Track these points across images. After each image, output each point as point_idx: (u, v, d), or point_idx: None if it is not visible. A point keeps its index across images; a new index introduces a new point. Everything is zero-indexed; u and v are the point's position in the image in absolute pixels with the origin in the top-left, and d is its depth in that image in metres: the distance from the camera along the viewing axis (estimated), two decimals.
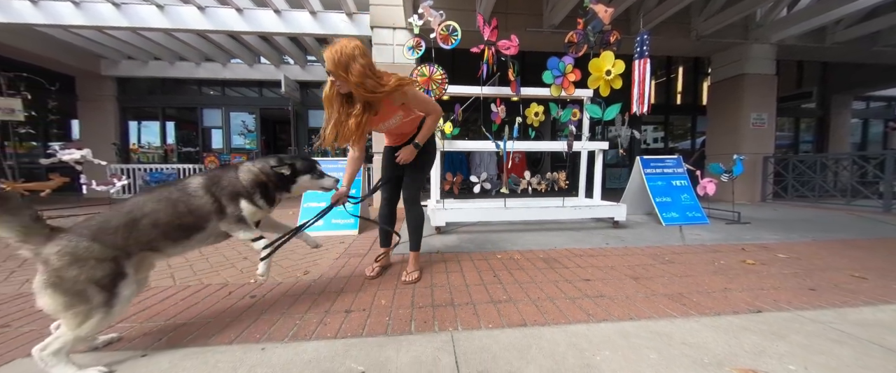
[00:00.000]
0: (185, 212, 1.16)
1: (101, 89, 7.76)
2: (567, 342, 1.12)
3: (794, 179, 5.61)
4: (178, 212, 1.15)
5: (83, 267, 0.95)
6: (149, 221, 1.09)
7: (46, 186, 3.89)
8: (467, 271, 1.88)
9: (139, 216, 1.09)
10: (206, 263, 2.12)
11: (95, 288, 0.96)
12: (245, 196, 1.28)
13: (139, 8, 5.17)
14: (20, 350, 1.11)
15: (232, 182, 1.28)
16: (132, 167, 7.64)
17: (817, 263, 2.03)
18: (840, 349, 1.08)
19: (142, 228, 1.08)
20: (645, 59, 2.82)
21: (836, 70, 7.62)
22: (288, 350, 1.09)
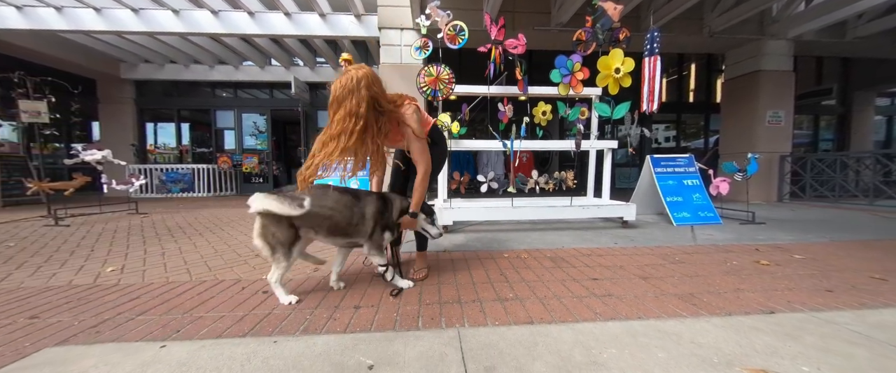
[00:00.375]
0: (352, 222, 1.46)
1: (120, 92, 8.04)
2: (574, 340, 1.12)
3: (812, 179, 5.43)
4: (350, 218, 1.45)
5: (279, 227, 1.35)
6: (327, 213, 1.40)
7: (70, 186, 4.05)
8: (474, 270, 1.89)
9: (320, 207, 1.40)
10: (220, 259, 2.18)
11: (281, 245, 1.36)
12: (389, 228, 1.56)
13: (156, 13, 5.34)
14: (49, 339, 1.17)
15: (388, 216, 1.55)
16: (149, 167, 7.89)
17: (835, 265, 1.97)
18: (856, 351, 1.05)
19: (318, 216, 1.40)
20: (655, 56, 2.78)
21: (858, 66, 7.34)
22: (299, 343, 1.12)
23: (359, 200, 1.48)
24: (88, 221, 3.78)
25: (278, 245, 1.36)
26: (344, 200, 1.44)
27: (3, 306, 1.47)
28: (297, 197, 1.36)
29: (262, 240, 1.34)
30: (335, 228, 1.43)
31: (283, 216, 1.33)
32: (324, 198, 1.42)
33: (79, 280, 1.80)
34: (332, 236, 1.46)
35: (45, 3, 5.11)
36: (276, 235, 1.34)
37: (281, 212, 1.32)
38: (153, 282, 1.76)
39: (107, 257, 2.26)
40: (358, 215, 1.45)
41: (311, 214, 1.37)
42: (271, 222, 1.34)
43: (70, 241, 2.77)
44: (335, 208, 1.42)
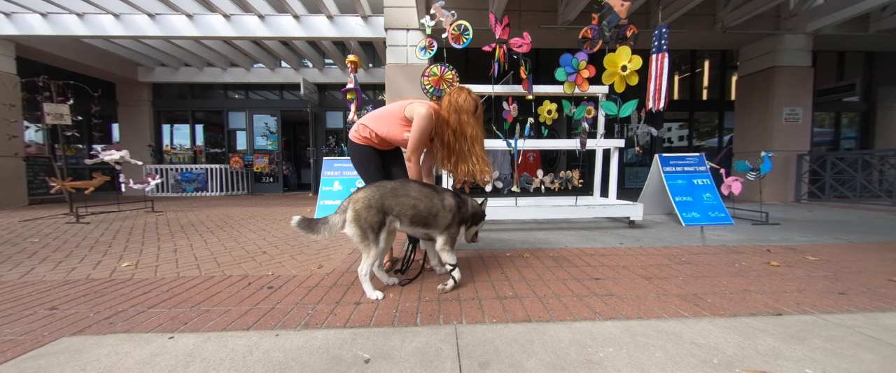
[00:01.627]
0: (432, 212, 1.54)
1: (138, 94, 8.33)
2: (570, 339, 1.12)
3: (832, 178, 5.23)
4: (430, 208, 1.53)
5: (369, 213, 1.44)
6: (412, 201, 1.50)
7: (90, 185, 4.23)
8: (475, 268, 1.90)
9: (406, 195, 1.51)
10: (229, 256, 2.25)
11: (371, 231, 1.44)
12: (465, 223, 1.65)
13: (171, 18, 5.52)
14: (66, 329, 1.23)
15: (465, 210, 1.64)
16: (165, 167, 8.15)
17: (850, 266, 1.90)
18: (865, 354, 1.01)
19: (405, 203, 1.50)
20: (663, 53, 2.72)
21: (882, 60, 7.03)
22: (300, 337, 1.15)
23: (437, 193, 1.58)
24: (107, 218, 3.94)
25: (369, 229, 1.43)
26: (425, 190, 1.56)
27: (26, 298, 1.55)
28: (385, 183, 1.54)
29: (354, 224, 1.42)
30: (418, 216, 1.51)
31: (376, 201, 1.45)
32: (408, 186, 1.54)
33: (96, 274, 1.89)
34: (413, 226, 1.54)
35: (68, 10, 5.34)
36: (368, 219, 1.43)
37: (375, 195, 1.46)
38: (165, 277, 1.83)
39: (123, 253, 2.35)
40: (438, 206, 1.55)
41: (399, 199, 1.48)
42: (363, 207, 1.43)
43: (89, 237, 2.89)
44: (418, 197, 1.51)
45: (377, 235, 1.45)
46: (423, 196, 1.52)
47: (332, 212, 1.71)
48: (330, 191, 3.31)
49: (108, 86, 7.99)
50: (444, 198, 1.56)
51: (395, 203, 1.48)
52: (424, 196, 1.52)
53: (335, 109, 8.64)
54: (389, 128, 1.74)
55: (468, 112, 1.69)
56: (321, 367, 0.97)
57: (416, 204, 1.50)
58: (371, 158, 1.81)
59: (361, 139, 1.80)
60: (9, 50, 5.69)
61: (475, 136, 1.70)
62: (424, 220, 1.52)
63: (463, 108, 1.68)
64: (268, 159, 8.44)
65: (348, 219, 1.43)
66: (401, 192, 1.50)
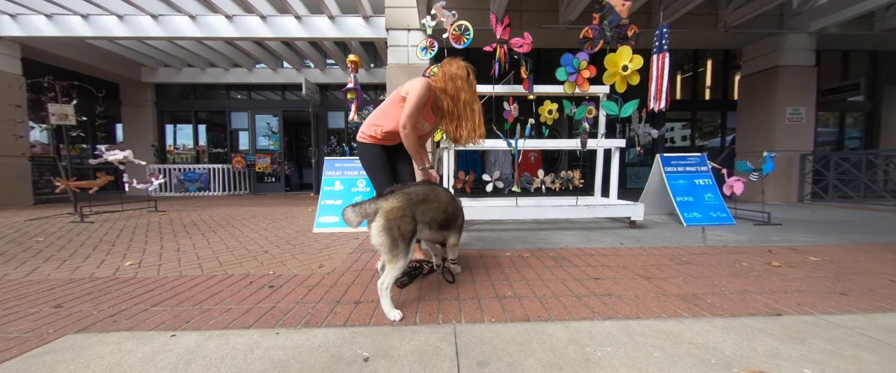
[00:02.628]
0: (455, 214, 1.59)
1: (141, 95, 8.39)
2: (569, 338, 1.12)
3: (835, 179, 5.20)
4: (456, 211, 1.57)
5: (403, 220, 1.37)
6: (443, 207, 1.52)
7: (94, 185, 4.27)
8: (475, 268, 1.90)
9: (437, 200, 1.52)
10: (231, 255, 2.27)
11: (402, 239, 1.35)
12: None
13: (174, 19, 5.55)
14: (70, 327, 1.25)
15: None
16: (168, 167, 8.21)
17: (853, 267, 1.89)
18: (865, 355, 1.01)
19: (437, 208, 1.51)
20: (663, 53, 2.72)
21: (887, 59, 6.97)
22: (300, 335, 1.16)
23: (455, 195, 1.65)
24: (111, 218, 3.98)
25: (401, 239, 1.33)
26: (449, 194, 1.60)
27: (31, 296, 1.57)
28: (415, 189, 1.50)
29: (386, 234, 1.31)
30: (447, 221, 1.54)
31: (409, 211, 1.38)
32: (437, 192, 1.54)
33: (100, 273, 1.91)
34: (439, 230, 1.55)
35: (72, 12, 5.39)
36: (401, 228, 1.33)
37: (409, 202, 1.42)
38: (167, 275, 1.84)
39: (126, 252, 2.38)
40: (459, 206, 1.59)
41: (430, 205, 1.48)
42: (397, 217, 1.34)
43: (93, 236, 2.92)
44: (448, 201, 1.54)
45: (408, 246, 1.36)
46: (450, 199, 1.57)
47: (332, 212, 1.74)
48: (331, 191, 3.33)
49: (111, 86, 8.05)
50: (458, 200, 1.63)
51: (427, 209, 1.47)
52: (450, 199, 1.57)
53: (337, 109, 8.66)
54: (390, 116, 1.77)
55: (462, 78, 1.75)
56: (321, 365, 0.98)
57: (447, 208, 1.53)
58: (378, 157, 1.82)
59: (367, 138, 1.83)
60: (14, 51, 5.75)
61: (468, 100, 1.77)
62: (448, 223, 1.56)
63: (457, 75, 1.75)
64: (270, 159, 8.48)
65: (379, 228, 1.32)
66: (432, 197, 1.49)
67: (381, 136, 1.80)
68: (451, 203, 1.58)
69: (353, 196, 3.31)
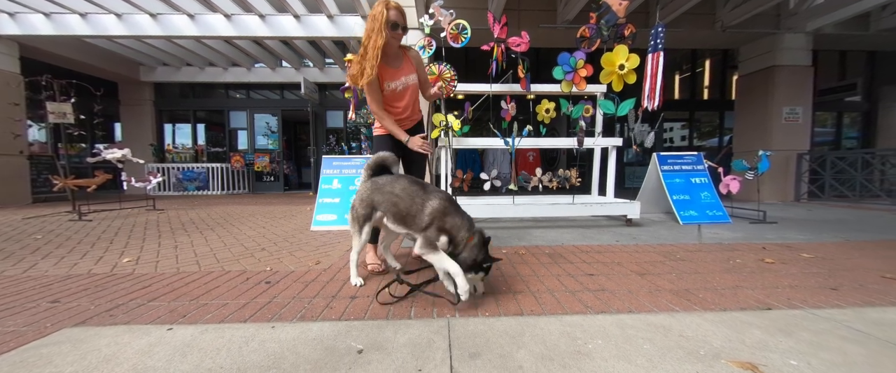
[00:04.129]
0: (411, 213, 1.46)
1: (140, 94, 8.39)
2: (561, 331, 1.13)
3: (831, 178, 5.23)
4: (410, 207, 1.47)
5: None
6: (394, 199, 1.50)
7: (92, 183, 4.27)
8: None
9: (390, 192, 1.52)
10: (228, 252, 2.28)
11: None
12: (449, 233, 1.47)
13: (173, 17, 5.55)
14: (68, 321, 1.26)
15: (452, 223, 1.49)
16: (167, 166, 8.21)
17: (845, 264, 1.91)
18: (851, 347, 1.03)
19: (387, 200, 1.52)
20: (658, 52, 2.74)
21: (884, 60, 7.01)
22: (295, 329, 1.17)
23: (425, 192, 1.47)
24: (109, 216, 3.98)
25: (354, 220, 1.59)
26: (411, 188, 1.49)
27: (28, 292, 1.58)
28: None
29: (350, 213, 1.61)
30: (398, 215, 1.49)
31: (368, 196, 1.56)
32: (395, 183, 1.55)
33: (97, 269, 1.92)
34: (396, 223, 1.51)
35: (71, 10, 5.39)
36: (357, 210, 1.57)
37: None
38: (165, 272, 1.85)
39: (124, 249, 2.39)
40: (418, 206, 1.43)
41: (384, 195, 1.53)
42: (358, 199, 1.59)
43: (91, 234, 2.93)
44: (401, 195, 1.49)
45: (362, 227, 1.57)
46: (405, 194, 1.47)
47: (330, 210, 1.77)
48: (329, 189, 3.34)
49: (110, 85, 8.05)
50: (429, 200, 1.43)
51: (382, 199, 1.53)
52: (407, 194, 1.47)
53: (336, 108, 8.67)
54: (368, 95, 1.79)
55: (371, 17, 1.64)
56: (315, 357, 0.99)
57: (397, 202, 1.48)
58: (387, 148, 1.88)
59: (378, 129, 1.96)
60: (12, 50, 5.74)
61: (368, 34, 1.65)
62: (404, 219, 1.47)
63: (372, 14, 1.65)
64: (269, 158, 8.49)
65: (350, 206, 1.62)
66: (387, 188, 1.53)
67: (381, 124, 1.92)
68: (404, 198, 1.45)
69: (351, 194, 3.32)
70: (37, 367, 0.95)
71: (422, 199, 1.44)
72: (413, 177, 1.64)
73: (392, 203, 1.50)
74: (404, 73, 1.81)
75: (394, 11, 1.65)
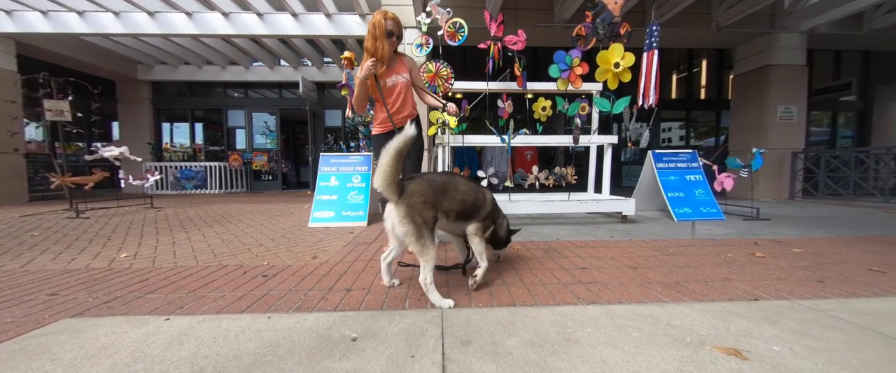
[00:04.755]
0: (477, 205, 1.52)
1: (138, 92, 8.37)
2: (552, 320, 1.16)
3: (826, 176, 5.28)
4: (476, 200, 1.51)
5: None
6: (461, 197, 1.47)
7: (90, 181, 4.27)
8: None
9: (455, 189, 1.47)
10: (226, 248, 2.29)
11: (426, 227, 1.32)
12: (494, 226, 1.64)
13: (170, 15, 5.55)
14: (65, 313, 1.27)
15: (497, 212, 1.67)
16: (165, 165, 8.20)
17: (834, 258, 1.94)
18: (832, 334, 1.06)
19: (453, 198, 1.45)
20: (652, 50, 2.77)
21: (878, 59, 7.07)
22: (291, 319, 1.19)
23: (480, 187, 1.60)
24: (106, 214, 3.98)
25: (425, 226, 1.30)
26: (472, 184, 1.55)
27: (27, 285, 1.59)
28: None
29: (410, 222, 1.28)
30: (465, 211, 1.48)
31: (430, 197, 1.35)
32: (456, 181, 1.52)
33: (95, 264, 1.93)
34: (457, 221, 1.49)
35: (68, 8, 5.38)
36: (423, 215, 1.31)
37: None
38: (162, 266, 1.87)
39: (122, 245, 2.40)
40: (482, 199, 1.54)
41: (448, 194, 1.43)
42: (419, 203, 1.31)
43: (89, 231, 2.93)
44: (467, 191, 1.50)
45: (433, 234, 1.34)
46: (471, 190, 1.51)
47: (328, 207, 1.76)
48: (326, 186, 3.35)
49: (108, 84, 8.03)
50: (486, 194, 1.59)
51: (446, 198, 1.41)
52: (472, 190, 1.51)
53: (334, 107, 8.67)
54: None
55: (372, 23, 1.88)
56: (310, 344, 1.01)
57: (465, 199, 1.47)
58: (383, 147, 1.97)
59: (375, 128, 2.10)
60: (9, 48, 5.73)
61: (368, 46, 1.90)
62: (468, 215, 1.50)
63: (372, 22, 1.89)
64: (267, 157, 8.49)
65: (402, 215, 1.29)
66: (450, 186, 1.45)
67: (378, 122, 2.07)
68: (471, 194, 1.50)
69: (348, 192, 3.34)
70: (36, 355, 0.97)
71: (482, 194, 1.56)
72: (458, 174, 1.70)
73: (459, 201, 1.45)
74: (396, 72, 2.02)
75: (390, 21, 1.91)
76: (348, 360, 0.93)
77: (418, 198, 1.32)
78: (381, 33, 1.87)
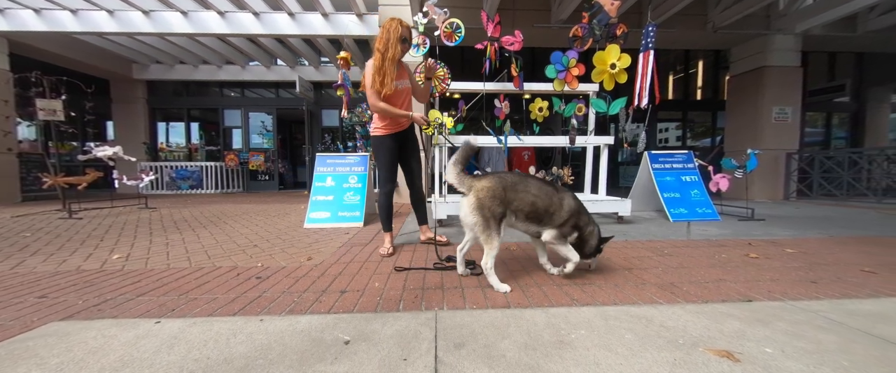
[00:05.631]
0: (550, 211, 1.51)
1: (133, 92, 8.30)
2: (546, 322, 1.16)
3: (820, 177, 5.32)
4: (549, 206, 1.50)
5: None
6: (530, 198, 1.49)
7: (83, 181, 4.23)
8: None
9: (525, 191, 1.50)
10: (220, 249, 2.27)
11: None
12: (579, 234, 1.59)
13: (166, 14, 5.51)
14: (54, 316, 1.26)
15: (585, 220, 1.60)
16: (160, 165, 8.13)
17: (827, 258, 1.95)
18: (824, 336, 1.06)
19: (523, 199, 1.49)
20: (648, 51, 2.77)
21: (872, 61, 7.14)
22: (284, 322, 1.18)
23: (557, 192, 1.55)
24: (100, 214, 3.94)
25: (492, 219, 1.42)
26: (545, 187, 1.54)
27: (16, 287, 1.57)
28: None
29: (478, 214, 1.42)
30: (534, 213, 1.49)
31: (499, 193, 1.44)
32: (528, 182, 1.53)
33: (86, 266, 1.91)
34: (527, 222, 1.51)
35: (61, 7, 5.32)
36: (492, 209, 1.42)
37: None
38: (155, 268, 1.85)
39: (114, 246, 2.37)
40: (556, 204, 1.51)
41: (519, 194, 1.48)
42: (487, 197, 1.43)
43: (82, 232, 2.90)
44: (538, 194, 1.50)
45: (499, 226, 1.45)
46: (543, 193, 1.51)
47: (324, 208, 1.75)
48: (322, 186, 3.34)
49: (102, 83, 7.95)
50: (565, 199, 1.54)
51: (516, 197, 1.47)
52: (545, 194, 1.51)
53: (331, 107, 8.64)
54: (370, 95, 2.01)
55: (386, 28, 1.95)
56: (302, 347, 1.00)
57: (535, 201, 1.48)
58: (387, 148, 2.11)
59: (376, 131, 2.13)
60: (2, 46, 5.66)
61: (382, 49, 1.95)
62: (539, 217, 1.50)
63: (384, 28, 1.96)
64: (263, 157, 8.44)
65: (472, 206, 1.44)
66: (520, 187, 1.48)
67: (382, 125, 2.10)
68: (542, 197, 1.49)
69: (344, 192, 3.33)
70: (22, 359, 0.96)
71: (558, 198, 1.53)
72: (539, 177, 1.74)
73: (529, 203, 1.47)
74: (400, 78, 2.08)
75: (404, 28, 1.99)
76: (340, 363, 0.92)
77: (486, 193, 1.43)
78: (396, 38, 1.93)
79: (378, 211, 2.25)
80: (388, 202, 2.19)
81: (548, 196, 1.51)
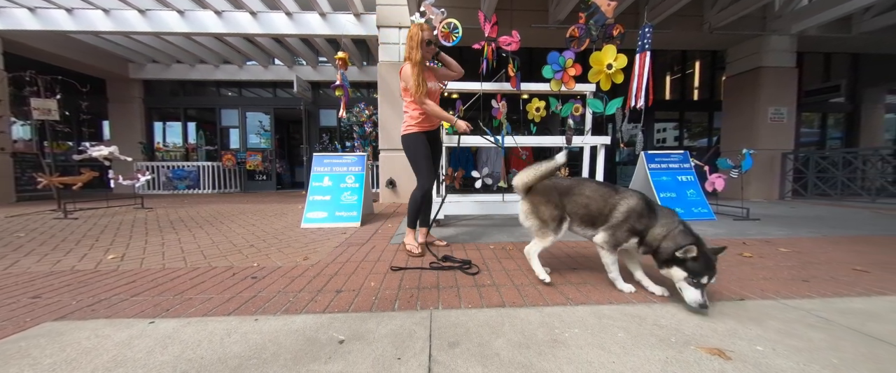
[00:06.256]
0: (604, 212, 1.45)
1: (129, 91, 8.25)
2: (540, 321, 1.16)
3: (815, 177, 5.36)
4: (603, 208, 1.45)
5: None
6: (584, 201, 1.48)
7: (78, 180, 4.20)
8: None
9: (580, 194, 1.50)
10: (216, 249, 2.27)
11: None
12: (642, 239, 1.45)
13: (162, 13, 5.48)
14: (48, 316, 1.25)
15: (647, 225, 1.44)
16: (157, 165, 8.10)
17: (820, 258, 1.97)
18: (814, 334, 1.07)
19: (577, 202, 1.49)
20: (644, 52, 2.79)
21: (867, 62, 7.19)
22: (278, 321, 1.18)
23: (617, 193, 1.46)
24: (95, 214, 3.92)
25: (551, 220, 1.49)
26: (601, 189, 1.49)
27: (9, 288, 1.56)
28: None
29: (533, 217, 1.52)
30: (588, 216, 1.46)
31: (553, 198, 1.50)
32: (582, 185, 1.53)
33: (81, 266, 1.90)
34: (584, 226, 1.50)
35: (56, 5, 5.29)
36: (547, 212, 1.50)
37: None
38: (150, 268, 1.84)
39: (110, 247, 2.36)
40: (611, 205, 1.42)
41: (573, 198, 1.49)
42: (540, 202, 1.52)
43: (77, 232, 2.89)
44: (591, 197, 1.47)
45: (559, 226, 1.50)
46: (597, 196, 1.46)
47: (321, 208, 1.74)
48: (319, 186, 3.33)
49: (98, 82, 7.90)
50: (624, 199, 1.42)
51: (570, 201, 1.49)
52: (599, 196, 1.46)
53: (329, 106, 8.62)
54: (409, 105, 2.13)
55: (410, 37, 2.05)
56: (296, 347, 1.01)
57: (588, 204, 1.46)
58: (422, 144, 2.14)
59: (405, 129, 2.16)
60: None
61: (409, 56, 2.06)
62: (593, 220, 1.46)
63: (409, 35, 2.06)
64: (261, 157, 8.41)
65: (526, 212, 1.53)
66: (575, 190, 1.49)
67: (415, 123, 2.14)
68: (596, 199, 1.45)
69: (341, 192, 3.33)
70: (14, 359, 0.95)
71: (613, 200, 1.44)
72: (597, 180, 1.69)
73: (583, 205, 1.47)
74: (432, 79, 2.19)
75: (426, 32, 2.09)
76: (334, 363, 0.92)
77: (540, 197, 1.52)
78: (417, 43, 2.03)
79: (409, 208, 2.15)
80: (428, 199, 2.21)
81: (602, 198, 1.45)
